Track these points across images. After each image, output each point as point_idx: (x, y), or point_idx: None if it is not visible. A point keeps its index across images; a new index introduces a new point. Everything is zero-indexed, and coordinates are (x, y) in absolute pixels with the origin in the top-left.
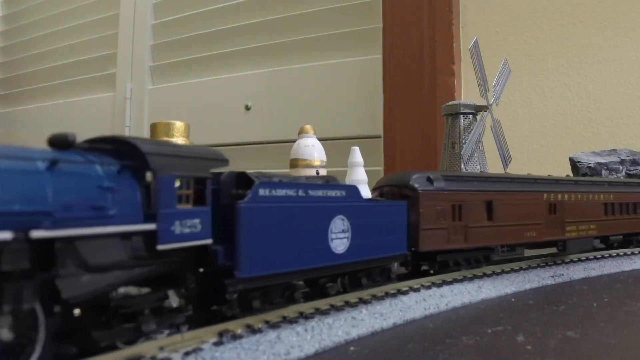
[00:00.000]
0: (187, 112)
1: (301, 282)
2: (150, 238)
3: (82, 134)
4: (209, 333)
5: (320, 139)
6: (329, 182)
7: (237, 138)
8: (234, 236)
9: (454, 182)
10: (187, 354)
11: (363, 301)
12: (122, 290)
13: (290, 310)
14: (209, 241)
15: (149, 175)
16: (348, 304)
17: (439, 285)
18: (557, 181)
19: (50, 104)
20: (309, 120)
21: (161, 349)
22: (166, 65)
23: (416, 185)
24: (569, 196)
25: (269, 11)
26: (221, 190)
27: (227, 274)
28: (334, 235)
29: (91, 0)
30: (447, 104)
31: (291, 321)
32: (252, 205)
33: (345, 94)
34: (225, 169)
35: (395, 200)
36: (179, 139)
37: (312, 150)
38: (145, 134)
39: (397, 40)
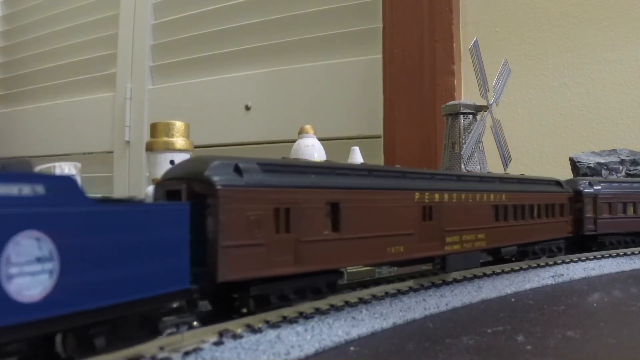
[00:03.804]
0: (187, 112)
1: None
2: None
3: (82, 134)
4: (209, 333)
5: (320, 139)
6: (3, 168)
7: (237, 138)
8: None
9: (279, 175)
10: (187, 353)
11: (363, 301)
12: None
13: (290, 310)
14: None
15: None
16: (348, 304)
17: (439, 286)
18: (432, 176)
19: (50, 104)
20: (309, 120)
21: (161, 348)
22: (166, 65)
23: (215, 178)
24: (450, 196)
25: (269, 11)
26: None
27: None
28: (14, 270)
29: (91, 0)
30: (447, 104)
31: (291, 321)
32: None
33: (345, 94)
34: None
35: (166, 202)
36: (179, 139)
37: (312, 150)
38: (145, 134)
39: (397, 40)
